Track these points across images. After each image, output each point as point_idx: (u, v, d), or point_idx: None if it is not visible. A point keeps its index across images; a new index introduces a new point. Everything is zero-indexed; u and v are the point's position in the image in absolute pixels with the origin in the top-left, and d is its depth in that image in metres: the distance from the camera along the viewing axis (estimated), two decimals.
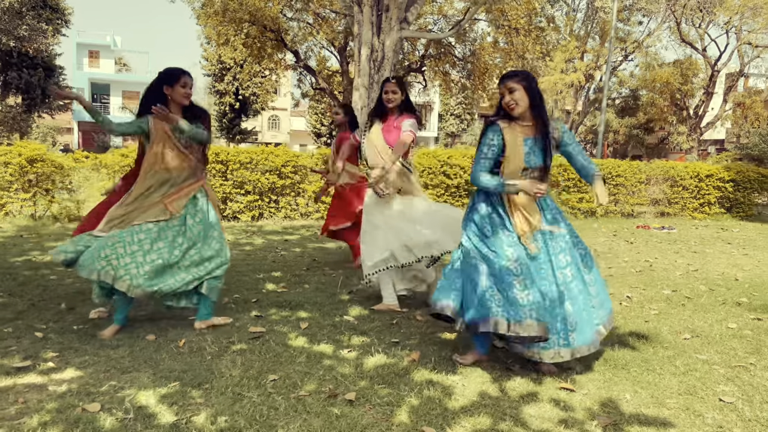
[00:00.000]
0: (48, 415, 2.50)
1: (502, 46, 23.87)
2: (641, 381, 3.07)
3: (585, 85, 33.61)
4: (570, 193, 11.51)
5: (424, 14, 22.70)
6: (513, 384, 3.01)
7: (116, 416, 2.52)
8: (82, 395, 2.71)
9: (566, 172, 11.39)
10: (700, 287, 5.44)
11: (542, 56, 27.70)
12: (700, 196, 12.60)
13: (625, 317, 4.33)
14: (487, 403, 2.76)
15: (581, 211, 11.64)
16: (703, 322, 4.26)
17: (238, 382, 2.92)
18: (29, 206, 8.84)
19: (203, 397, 2.75)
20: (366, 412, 2.63)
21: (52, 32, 30.08)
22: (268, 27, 20.74)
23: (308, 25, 22.43)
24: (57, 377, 2.92)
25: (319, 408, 2.66)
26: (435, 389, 2.90)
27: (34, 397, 2.69)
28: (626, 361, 3.33)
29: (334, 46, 23.10)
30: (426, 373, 3.10)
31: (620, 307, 4.64)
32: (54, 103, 31.55)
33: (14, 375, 2.93)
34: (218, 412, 2.60)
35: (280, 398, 2.75)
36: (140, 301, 4.39)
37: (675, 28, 29.35)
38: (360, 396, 2.79)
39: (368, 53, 13.76)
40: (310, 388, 2.88)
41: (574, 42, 31.94)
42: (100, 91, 43.47)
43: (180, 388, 2.83)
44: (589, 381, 3.06)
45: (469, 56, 23.80)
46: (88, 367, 3.06)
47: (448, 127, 47.52)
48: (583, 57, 33.34)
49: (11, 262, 5.63)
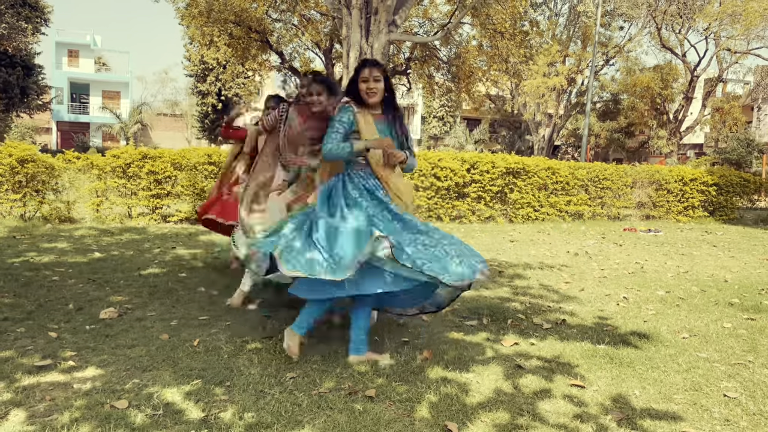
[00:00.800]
0: (78, 412, 2.54)
1: (486, 49, 24.11)
2: (647, 378, 3.18)
3: (567, 88, 34.01)
4: (558, 195, 11.68)
5: (410, 17, 22.83)
6: (525, 381, 3.10)
7: (146, 412, 2.56)
8: (107, 393, 2.75)
9: (554, 175, 11.56)
10: (692, 288, 5.60)
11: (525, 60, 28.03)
12: (684, 199, 12.87)
13: (624, 317, 4.45)
14: (503, 399, 2.85)
15: (569, 214, 11.82)
16: (699, 321, 4.40)
17: (259, 379, 2.98)
18: (19, 207, 8.78)
19: (226, 394, 2.81)
20: (387, 408, 2.71)
21: (32, 31, 29.72)
22: (253, 28, 20.73)
23: (293, 27, 22.44)
24: (79, 375, 2.96)
25: (342, 404, 2.73)
26: (451, 386, 2.98)
27: (61, 394, 2.72)
28: (631, 359, 3.45)
29: (320, 47, 23.14)
30: (440, 371, 3.18)
31: (618, 308, 4.77)
32: (32, 102, 31.15)
33: (36, 374, 2.95)
34: (244, 408, 2.65)
35: (302, 395, 2.82)
36: (149, 301, 4.43)
37: (655, 33, 29.86)
38: (379, 393, 2.87)
39: (357, 56, 13.84)
40: (329, 385, 2.95)
41: (556, 46, 32.29)
42: (80, 91, 43.00)
43: (203, 386, 2.88)
44: (598, 378, 3.17)
45: (454, 59, 23.97)
46: (109, 366, 3.09)
47: (430, 130, 47.76)
48: (565, 61, 33.75)
49: (9, 264, 5.61)
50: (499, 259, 6.97)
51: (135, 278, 5.22)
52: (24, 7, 29.31)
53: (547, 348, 3.65)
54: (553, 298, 5.02)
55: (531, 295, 5.12)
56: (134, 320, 3.96)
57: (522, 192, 11.24)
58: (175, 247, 6.98)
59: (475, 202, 10.94)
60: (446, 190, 10.65)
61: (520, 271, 6.18)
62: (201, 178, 9.30)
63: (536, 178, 11.32)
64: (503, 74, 27.80)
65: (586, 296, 5.14)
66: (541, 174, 11.39)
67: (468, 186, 10.86)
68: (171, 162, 9.11)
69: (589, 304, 4.85)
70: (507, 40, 22.14)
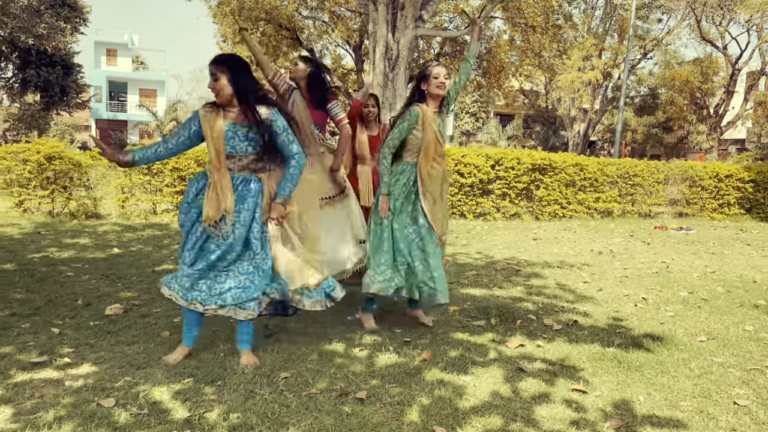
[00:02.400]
0: (63, 409, 2.54)
1: (518, 44, 23.78)
2: (655, 383, 3.04)
3: (603, 83, 33.34)
4: (586, 192, 11.42)
5: (440, 12, 22.66)
6: (525, 384, 2.99)
7: (130, 411, 2.55)
8: (97, 390, 2.75)
9: (582, 171, 11.31)
10: (717, 289, 5.38)
11: (559, 54, 27.57)
12: (719, 196, 12.46)
13: (640, 319, 4.29)
14: (498, 404, 2.75)
15: (598, 211, 11.55)
16: (719, 324, 4.21)
17: (251, 379, 2.94)
18: (47, 203, 8.96)
19: (216, 393, 2.77)
20: (377, 411, 2.64)
21: (71, 30, 30.32)
22: (284, 25, 20.83)
23: (324, 24, 22.48)
24: (73, 372, 2.96)
25: (330, 406, 2.67)
26: (446, 389, 2.90)
27: (50, 392, 2.72)
28: (640, 363, 3.31)
29: (349, 44, 23.14)
30: (437, 373, 3.10)
31: (635, 309, 4.60)
32: (72, 100, 31.90)
33: (31, 370, 2.97)
34: (231, 408, 2.62)
35: (292, 396, 2.77)
36: (157, 298, 4.44)
37: (695, 25, 29.04)
38: (371, 394, 2.80)
39: (383, 51, 13.76)
40: (322, 386, 2.90)
41: (591, 40, 31.68)
42: (118, 89, 43.90)
43: (193, 385, 2.85)
44: (602, 383, 3.04)
45: (484, 54, 23.71)
46: (104, 363, 3.09)
47: (463, 126, 47.37)
48: (601, 55, 33.08)
49: (29, 259, 5.71)
50: (518, 257, 6.82)
51: (148, 274, 5.25)
52: (63, 7, 29.96)
53: (554, 350, 3.53)
54: (568, 299, 4.87)
55: (545, 295, 4.99)
56: (138, 317, 3.98)
57: (549, 189, 11.02)
58: None
59: (500, 199, 10.77)
60: (470, 186, 10.51)
61: (538, 270, 6.04)
62: None
63: (563, 174, 11.08)
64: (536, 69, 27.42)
65: (603, 296, 4.98)
66: (568, 170, 11.15)
67: (492, 183, 10.70)
68: (194, 159, 9.18)
69: (605, 305, 4.70)
70: (539, 34, 21.80)
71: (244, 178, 3.12)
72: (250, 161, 3.12)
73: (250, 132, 3.08)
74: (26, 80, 30.64)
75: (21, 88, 31.26)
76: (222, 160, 3.06)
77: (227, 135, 3.06)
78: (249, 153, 3.11)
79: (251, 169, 3.14)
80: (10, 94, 31.93)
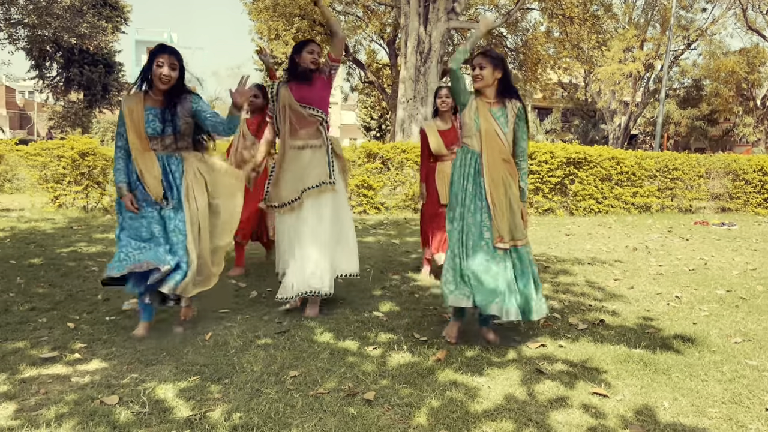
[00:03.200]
0: (66, 407, 2.51)
1: (555, 35, 23.32)
2: (682, 387, 2.87)
3: (644, 75, 32.51)
4: (623, 187, 11.09)
5: (475, 4, 22.37)
6: (542, 387, 2.86)
7: (132, 410, 2.50)
8: (102, 387, 2.72)
9: (619, 165, 10.98)
10: (757, 287, 5.11)
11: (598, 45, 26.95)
12: (764, 190, 11.96)
13: (672, 318, 4.09)
14: (512, 407, 2.62)
15: (635, 206, 11.21)
16: (756, 324, 3.99)
17: (258, 377, 2.87)
18: (81, 198, 9.11)
19: (222, 392, 2.71)
20: (384, 413, 2.54)
21: (112, 30, 31.03)
22: (318, 21, 20.82)
23: (357, 18, 22.42)
24: (81, 368, 2.94)
25: (336, 407, 2.58)
26: (458, 391, 2.78)
27: (56, 388, 2.70)
28: (668, 366, 3.13)
29: (383, 39, 23.03)
30: (450, 374, 2.98)
31: (667, 308, 4.39)
32: (114, 98, 32.62)
33: (40, 365, 2.96)
34: (234, 408, 2.55)
35: (298, 395, 2.69)
36: None
37: (741, 14, 28.03)
38: (379, 395, 2.70)
39: (415, 45, 13.62)
40: (330, 385, 2.81)
41: (633, 30, 30.90)
42: None
43: (200, 383, 2.80)
44: (626, 386, 2.88)
45: (520, 47, 23.32)
46: (113, 359, 3.07)
47: None
48: (642, 46, 32.24)
49: (57, 253, 5.78)
50: (548, 253, 6.63)
51: None
52: (105, 7, 30.67)
53: (577, 351, 3.38)
54: (596, 296, 4.69)
55: (573, 292, 4.81)
56: None
57: (584, 183, 10.73)
58: None
59: (533, 193, 10.53)
60: None
61: (568, 267, 5.85)
62: None
63: (599, 168, 10.78)
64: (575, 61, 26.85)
65: (634, 295, 4.77)
66: (604, 164, 10.84)
67: None
68: (222, 153, 9.19)
69: (635, 303, 4.50)
70: (577, 25, 21.32)
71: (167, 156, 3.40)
72: (171, 141, 3.41)
73: (166, 114, 3.36)
74: (70, 79, 31.47)
75: (65, 86, 32.10)
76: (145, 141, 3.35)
77: (147, 118, 3.33)
78: (167, 134, 3.38)
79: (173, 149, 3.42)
80: (55, 93, 32.83)
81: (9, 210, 9.12)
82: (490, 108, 3.42)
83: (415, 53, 13.63)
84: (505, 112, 3.42)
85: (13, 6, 26.80)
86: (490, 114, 3.40)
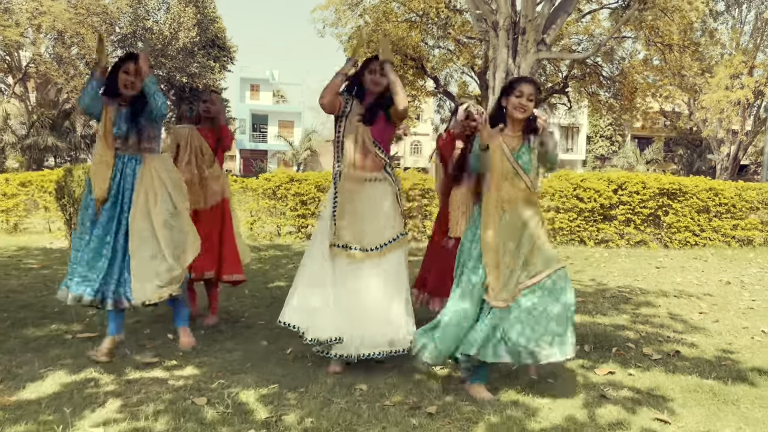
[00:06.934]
0: (162, 404, 2.85)
1: (655, 63, 22.69)
2: (748, 417, 2.83)
3: (754, 102, 30.80)
4: (722, 219, 10.62)
5: (569, 34, 22.21)
6: (603, 411, 2.91)
7: (218, 410, 2.80)
8: (194, 390, 3.05)
9: (717, 197, 10.53)
10: None
11: (701, 73, 25.89)
12: None
13: (753, 353, 3.97)
14: (569, 428, 2.71)
15: (736, 240, 10.67)
16: None
17: (331, 389, 3.11)
18: None
19: (297, 399, 2.97)
20: (443, 426, 2.70)
21: (219, 69, 33.25)
22: (410, 55, 21.41)
23: (449, 52, 22.83)
24: (177, 373, 3.30)
25: (400, 418, 2.77)
26: (518, 410, 2.89)
27: (155, 389, 3.06)
28: (738, 397, 3.09)
29: (474, 70, 23.28)
30: (513, 394, 3.09)
31: (751, 342, 4.25)
32: None
33: (142, 369, 3.35)
34: (307, 414, 2.79)
35: (365, 406, 2.89)
36: (264, 312, 4.77)
37: None
38: (441, 410, 2.86)
39: (503, 77, 13.75)
40: (396, 399, 3.00)
41: (740, 57, 29.45)
42: (260, 121, 47.07)
43: (278, 390, 3.07)
44: (689, 413, 2.88)
45: (616, 75, 22.85)
46: (204, 367, 3.41)
47: (597, 150, 45.65)
48: (752, 72, 30.61)
49: None
50: (633, 285, 6.51)
51: (260, 290, 5.65)
52: (213, 48, 32.94)
53: (645, 379, 3.38)
54: (677, 328, 4.61)
55: (652, 324, 4.74)
56: (243, 327, 4.32)
57: (678, 215, 10.37)
58: None
59: (624, 225, 10.30)
60: (590, 212, 10.15)
61: (651, 299, 5.74)
62: None
63: (695, 200, 10.38)
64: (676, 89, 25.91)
65: (717, 328, 4.65)
66: (701, 195, 10.43)
67: (615, 208, 10.25)
68: (314, 184, 9.70)
69: (717, 337, 4.39)
70: (677, 53, 20.69)
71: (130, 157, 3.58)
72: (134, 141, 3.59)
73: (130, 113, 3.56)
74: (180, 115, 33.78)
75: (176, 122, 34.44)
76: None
77: (115, 117, 3.55)
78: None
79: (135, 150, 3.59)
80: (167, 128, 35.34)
81: None
82: (512, 146, 3.12)
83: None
84: (528, 151, 3.13)
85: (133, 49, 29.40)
86: (512, 157, 3.10)
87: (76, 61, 27.25)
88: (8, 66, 27.12)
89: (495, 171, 3.07)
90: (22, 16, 24.73)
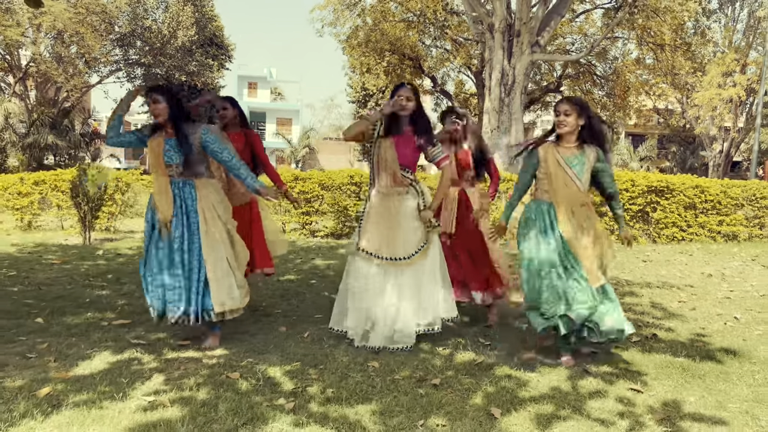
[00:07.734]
0: (201, 378, 3.27)
1: (647, 62, 23.15)
2: (712, 388, 3.28)
3: (746, 100, 31.33)
4: (708, 215, 11.08)
5: (563, 34, 22.66)
6: (585, 383, 3.35)
7: (250, 382, 3.23)
8: (226, 367, 3.47)
9: (703, 194, 11.00)
10: None
11: (693, 71, 26.37)
12: None
13: (724, 336, 4.42)
14: (555, 395, 3.15)
15: (721, 235, 11.14)
16: None
17: (347, 365, 3.54)
18: None
19: (317, 374, 3.40)
20: (446, 394, 3.13)
21: (218, 67, 33.65)
22: (407, 55, 21.82)
23: (446, 51, 23.26)
24: (210, 354, 3.72)
25: (408, 388, 3.20)
26: (511, 381, 3.33)
27: (192, 366, 3.48)
28: (705, 372, 3.53)
29: (471, 70, 23.70)
30: (507, 369, 3.53)
31: (723, 327, 4.70)
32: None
33: (178, 350, 3.77)
34: (327, 385, 3.22)
35: (378, 379, 3.33)
36: (279, 301, 5.19)
37: None
38: (444, 382, 3.30)
39: (499, 78, 14.19)
40: (404, 374, 3.43)
41: (732, 54, 29.95)
42: (258, 119, 47.36)
43: (300, 367, 3.50)
44: (660, 385, 3.32)
45: (610, 74, 23.33)
46: (233, 348, 3.84)
47: None
48: (744, 70, 31.13)
49: None
50: (619, 277, 6.96)
51: (273, 283, 6.07)
52: (212, 46, 33.30)
53: (624, 358, 3.82)
54: (656, 315, 5.05)
55: (634, 311, 5.18)
56: (263, 315, 4.74)
57: (666, 211, 10.83)
58: (315, 258, 7.85)
59: (613, 221, 10.73)
60: None
61: (635, 290, 6.18)
62: (344, 197, 10.20)
63: (682, 196, 10.85)
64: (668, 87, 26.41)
65: (693, 315, 5.09)
66: (687, 192, 10.89)
67: (604, 205, 10.68)
68: (318, 183, 10.11)
69: (693, 322, 4.83)
70: (669, 52, 21.14)
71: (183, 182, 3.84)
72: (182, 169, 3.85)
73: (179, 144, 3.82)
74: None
75: None
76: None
77: (164, 147, 3.82)
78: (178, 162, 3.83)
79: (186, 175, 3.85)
80: None
81: (133, 232, 10.40)
82: (565, 156, 3.65)
83: (499, 85, 14.21)
84: (582, 159, 3.65)
85: (132, 48, 29.75)
86: (564, 162, 3.64)
87: (75, 60, 27.57)
88: (9, 65, 27.41)
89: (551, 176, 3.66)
90: (23, 16, 25.02)
